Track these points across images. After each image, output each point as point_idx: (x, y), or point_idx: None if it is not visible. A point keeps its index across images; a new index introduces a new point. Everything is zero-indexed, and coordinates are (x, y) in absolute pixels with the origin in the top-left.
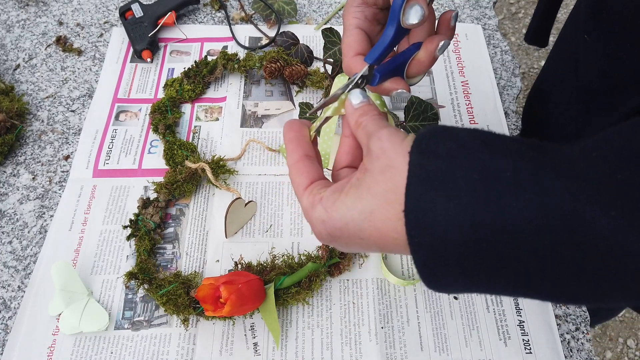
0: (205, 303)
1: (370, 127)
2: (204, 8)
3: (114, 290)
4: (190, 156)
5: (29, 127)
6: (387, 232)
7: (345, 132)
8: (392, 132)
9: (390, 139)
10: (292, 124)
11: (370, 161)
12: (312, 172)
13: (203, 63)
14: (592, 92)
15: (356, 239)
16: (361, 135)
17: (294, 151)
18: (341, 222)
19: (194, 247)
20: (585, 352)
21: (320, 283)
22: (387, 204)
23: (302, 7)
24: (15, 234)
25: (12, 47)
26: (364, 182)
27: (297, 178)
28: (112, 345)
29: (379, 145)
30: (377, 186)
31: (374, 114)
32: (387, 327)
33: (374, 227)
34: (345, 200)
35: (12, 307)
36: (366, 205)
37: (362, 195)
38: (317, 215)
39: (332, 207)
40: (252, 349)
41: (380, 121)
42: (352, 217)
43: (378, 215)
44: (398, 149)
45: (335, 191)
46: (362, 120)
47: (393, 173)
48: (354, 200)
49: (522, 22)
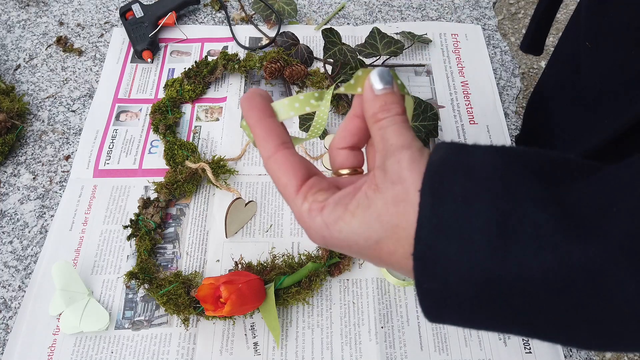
0: (206, 303)
1: (392, 138)
2: (204, 8)
3: (114, 290)
4: (190, 156)
5: (29, 127)
6: (393, 263)
7: (356, 112)
8: (414, 157)
9: (411, 167)
10: (252, 100)
11: (384, 182)
12: (299, 169)
13: (203, 63)
14: (593, 98)
15: (358, 255)
16: (377, 137)
17: (267, 140)
18: (344, 243)
19: (194, 247)
20: (585, 352)
21: (320, 283)
22: (396, 240)
23: (302, 8)
24: (15, 233)
25: (13, 48)
26: (373, 205)
27: (282, 178)
28: (113, 345)
29: (397, 170)
30: (388, 217)
31: (396, 113)
32: (387, 327)
33: (378, 256)
34: (350, 222)
35: (13, 307)
36: (373, 234)
37: (370, 222)
38: (317, 228)
39: (335, 226)
40: (252, 348)
41: (403, 133)
42: (357, 242)
43: (385, 247)
44: (417, 183)
45: (339, 204)
46: (383, 119)
47: (407, 209)
48: (360, 225)
49: (522, 22)
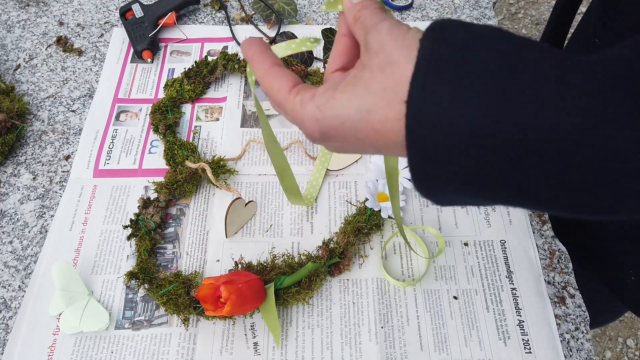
0: (206, 303)
1: (369, 20)
2: (204, 8)
3: (114, 290)
4: (190, 156)
5: (29, 127)
6: (385, 133)
7: (342, 30)
8: (393, 24)
9: (390, 31)
10: (251, 42)
11: (368, 57)
12: (290, 77)
13: (203, 63)
14: None
15: (352, 139)
16: (359, 30)
17: (262, 63)
18: (336, 121)
19: (194, 247)
20: (585, 352)
21: (320, 283)
22: (386, 103)
23: (302, 8)
24: (15, 233)
25: (13, 48)
26: (361, 79)
27: (274, 84)
28: (113, 345)
29: (377, 40)
30: (376, 84)
31: (375, 7)
32: (387, 327)
33: (371, 127)
34: (340, 98)
35: (13, 306)
36: (363, 103)
37: (360, 93)
38: (310, 113)
39: (327, 105)
40: (252, 348)
41: (381, 14)
42: (349, 116)
43: (376, 115)
44: (400, 43)
45: (329, 88)
46: (361, 14)
47: (393, 70)
48: (350, 98)
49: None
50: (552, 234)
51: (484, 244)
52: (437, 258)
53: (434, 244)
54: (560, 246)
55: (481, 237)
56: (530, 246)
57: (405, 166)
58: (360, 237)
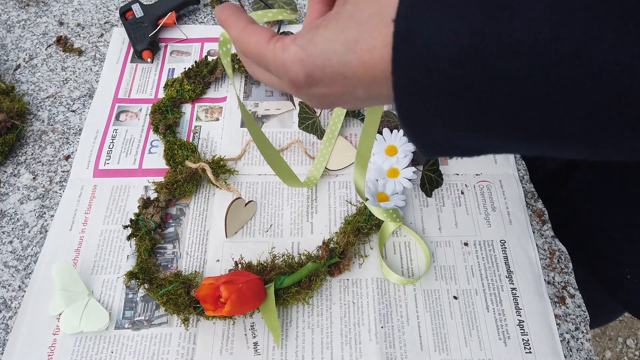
0: (206, 303)
1: None
2: (204, 8)
3: (114, 290)
4: (190, 156)
5: (29, 127)
6: (374, 63)
7: None
8: None
9: None
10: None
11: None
12: (267, 30)
13: (203, 63)
14: None
15: (339, 79)
16: None
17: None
18: (322, 58)
19: (194, 247)
20: (585, 352)
21: (320, 283)
22: (373, 29)
23: (302, 7)
24: (15, 233)
25: (13, 47)
26: (344, 12)
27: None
28: (113, 345)
29: None
30: (361, 12)
31: None
32: (387, 326)
33: (359, 59)
34: (325, 34)
35: (13, 306)
36: (350, 34)
37: (345, 25)
38: (292, 56)
39: (310, 44)
40: (252, 348)
41: None
42: (335, 50)
43: (363, 44)
44: None
45: (311, 29)
46: None
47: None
48: (335, 32)
49: None
50: (552, 234)
51: (484, 244)
52: (437, 258)
53: (434, 243)
54: (560, 246)
55: (481, 237)
56: (530, 246)
57: (405, 166)
58: (360, 237)
